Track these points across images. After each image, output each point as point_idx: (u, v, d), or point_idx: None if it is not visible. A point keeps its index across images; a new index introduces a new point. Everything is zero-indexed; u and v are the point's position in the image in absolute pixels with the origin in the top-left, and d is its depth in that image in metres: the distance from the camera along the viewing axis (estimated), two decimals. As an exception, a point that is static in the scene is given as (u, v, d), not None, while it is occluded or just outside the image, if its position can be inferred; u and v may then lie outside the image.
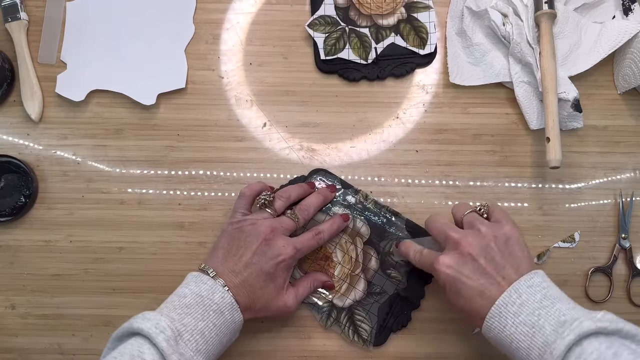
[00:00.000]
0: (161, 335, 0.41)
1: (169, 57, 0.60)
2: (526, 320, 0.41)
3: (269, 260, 0.49)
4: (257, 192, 0.54)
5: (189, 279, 0.48)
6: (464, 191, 0.59)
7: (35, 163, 0.59)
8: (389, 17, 0.61)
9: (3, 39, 0.61)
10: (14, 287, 0.58)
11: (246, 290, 0.48)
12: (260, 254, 0.49)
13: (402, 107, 0.61)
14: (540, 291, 0.43)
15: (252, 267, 0.48)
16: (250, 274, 0.48)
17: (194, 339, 0.43)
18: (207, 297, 0.46)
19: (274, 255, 0.49)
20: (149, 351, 0.40)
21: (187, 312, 0.44)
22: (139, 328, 0.42)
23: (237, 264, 0.49)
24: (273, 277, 0.49)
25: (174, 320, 0.43)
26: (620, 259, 0.58)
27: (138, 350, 0.41)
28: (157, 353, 0.41)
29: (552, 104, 0.54)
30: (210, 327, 0.45)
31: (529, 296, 0.42)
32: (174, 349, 0.41)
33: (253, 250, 0.49)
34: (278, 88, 0.61)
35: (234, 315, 0.47)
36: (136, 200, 0.59)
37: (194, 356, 0.42)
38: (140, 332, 0.41)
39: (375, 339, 0.55)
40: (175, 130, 0.60)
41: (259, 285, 0.48)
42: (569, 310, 0.41)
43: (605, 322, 0.39)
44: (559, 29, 0.59)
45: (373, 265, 0.57)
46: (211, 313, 0.45)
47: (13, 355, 0.57)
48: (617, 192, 0.59)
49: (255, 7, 0.62)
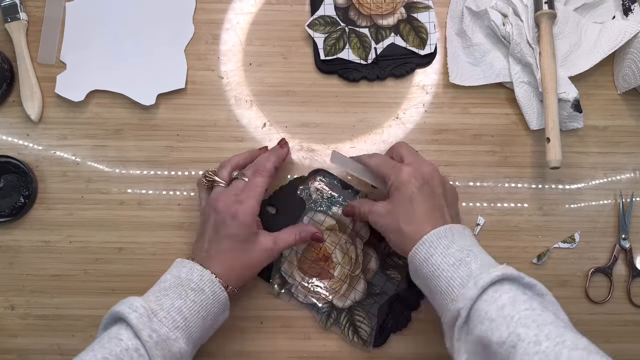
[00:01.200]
0: (133, 314, 0.42)
1: (169, 57, 0.60)
2: (455, 254, 0.44)
3: (223, 225, 0.49)
4: (203, 173, 0.54)
5: (173, 264, 0.49)
6: (464, 191, 0.59)
7: (35, 163, 0.59)
8: (389, 17, 0.61)
9: (2, 39, 0.61)
10: (14, 287, 0.58)
11: (218, 260, 0.49)
12: (216, 224, 0.49)
13: (402, 107, 0.60)
14: (471, 239, 0.47)
15: (215, 237, 0.49)
16: (216, 243, 0.49)
17: (170, 316, 0.44)
18: (185, 278, 0.47)
19: (225, 220, 0.49)
20: (126, 332, 0.42)
21: (164, 293, 0.46)
22: (115, 311, 0.43)
23: (204, 242, 0.50)
24: (236, 238, 0.49)
25: (150, 301, 0.44)
26: (621, 260, 0.58)
27: (116, 332, 0.42)
28: (132, 331, 0.42)
29: (552, 104, 0.54)
30: (189, 304, 0.45)
31: (461, 238, 0.45)
32: (145, 324, 0.42)
33: (211, 224, 0.50)
34: (278, 88, 0.61)
35: (216, 291, 0.47)
36: (136, 201, 0.59)
37: (169, 332, 0.43)
38: (117, 315, 0.43)
39: (375, 340, 0.55)
40: (175, 131, 0.60)
41: (228, 248, 0.49)
42: (493, 261, 0.45)
43: (527, 276, 0.42)
44: (559, 29, 0.59)
45: (373, 266, 0.57)
46: (189, 291, 0.46)
47: (13, 356, 0.57)
48: (617, 193, 0.59)
49: (255, 7, 0.62)
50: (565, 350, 0.36)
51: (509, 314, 0.39)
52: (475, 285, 0.41)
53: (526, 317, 0.38)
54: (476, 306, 0.41)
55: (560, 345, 0.36)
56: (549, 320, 0.38)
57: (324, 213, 0.57)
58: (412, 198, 0.47)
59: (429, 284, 0.45)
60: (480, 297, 0.41)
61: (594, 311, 0.58)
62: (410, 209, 0.47)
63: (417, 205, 0.47)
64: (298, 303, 0.56)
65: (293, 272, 0.57)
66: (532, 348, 0.36)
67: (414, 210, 0.47)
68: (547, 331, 0.37)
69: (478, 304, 0.41)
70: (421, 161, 0.51)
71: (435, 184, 0.49)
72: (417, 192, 0.48)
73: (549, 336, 0.37)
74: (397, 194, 0.48)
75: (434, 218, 0.47)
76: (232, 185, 0.52)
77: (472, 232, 0.47)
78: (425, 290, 0.47)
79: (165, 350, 0.42)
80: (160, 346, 0.42)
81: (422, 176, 0.49)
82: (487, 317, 0.40)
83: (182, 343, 0.44)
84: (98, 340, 0.43)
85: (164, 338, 0.42)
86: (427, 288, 0.46)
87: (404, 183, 0.48)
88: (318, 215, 0.57)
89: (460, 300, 0.41)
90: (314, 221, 0.57)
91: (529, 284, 0.42)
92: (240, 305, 0.56)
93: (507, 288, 0.41)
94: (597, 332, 0.57)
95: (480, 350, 0.40)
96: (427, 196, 0.48)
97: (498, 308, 0.40)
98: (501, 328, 0.39)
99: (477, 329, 0.40)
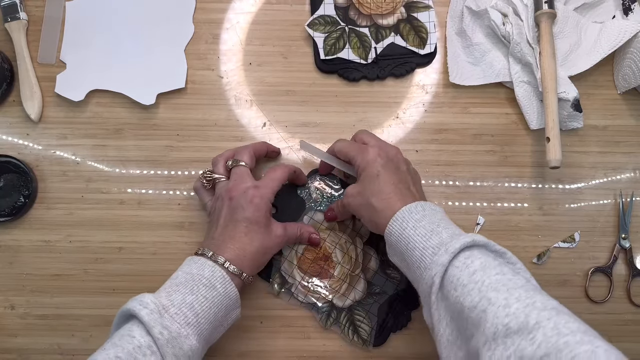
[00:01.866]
0: (144, 310, 0.42)
1: (169, 57, 0.60)
2: (426, 226, 0.45)
3: (238, 210, 0.50)
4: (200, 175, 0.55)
5: (184, 262, 0.49)
6: (464, 191, 0.59)
7: (35, 163, 0.59)
8: (389, 16, 0.61)
9: (2, 39, 0.61)
10: (14, 287, 0.58)
11: (232, 245, 0.49)
12: (230, 211, 0.50)
13: (402, 107, 0.60)
14: (440, 213, 0.47)
15: (229, 224, 0.50)
16: (232, 228, 0.49)
17: (181, 312, 0.44)
18: (197, 274, 0.46)
19: (241, 204, 0.50)
20: (138, 328, 0.42)
21: (176, 289, 0.45)
22: (127, 308, 0.43)
23: (216, 231, 0.50)
24: (251, 220, 0.50)
25: (162, 297, 0.44)
26: (620, 259, 0.58)
27: (128, 329, 0.42)
28: (144, 328, 0.42)
29: (552, 104, 0.54)
30: (200, 300, 0.45)
31: (431, 212, 0.46)
32: (156, 321, 0.42)
33: (224, 214, 0.50)
34: (278, 88, 0.61)
35: (227, 288, 0.47)
36: (136, 200, 0.59)
37: (181, 329, 0.43)
38: (128, 311, 0.43)
39: (375, 339, 0.55)
40: (174, 130, 0.60)
41: (242, 232, 0.49)
42: (464, 233, 0.45)
43: (497, 244, 0.43)
44: (559, 28, 0.59)
45: (373, 266, 0.57)
46: (201, 287, 0.46)
47: (13, 356, 0.57)
48: (617, 192, 0.59)
49: (255, 7, 0.62)
50: (534, 311, 0.36)
51: (480, 279, 0.40)
52: (446, 252, 0.42)
53: (497, 281, 0.39)
54: (449, 273, 0.42)
55: (530, 307, 0.36)
56: (520, 284, 0.39)
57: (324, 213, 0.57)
58: (379, 174, 0.49)
59: (405, 258, 0.46)
60: (452, 263, 0.42)
61: (594, 311, 0.58)
62: (378, 185, 0.49)
63: (383, 180, 0.49)
64: (298, 302, 0.56)
65: (293, 272, 0.57)
66: (502, 311, 0.37)
67: (381, 186, 0.48)
68: (517, 294, 0.38)
69: (450, 270, 0.42)
70: (384, 143, 0.52)
71: (400, 162, 0.51)
72: (382, 169, 0.49)
73: (519, 299, 0.37)
74: (365, 173, 0.50)
75: (401, 191, 0.48)
76: (233, 173, 0.52)
77: (444, 211, 0.49)
78: (403, 268, 0.48)
79: (176, 348, 0.42)
80: (172, 344, 0.42)
81: (386, 155, 0.51)
82: (459, 283, 0.40)
83: (193, 340, 0.43)
84: (110, 338, 0.42)
85: (174, 335, 0.42)
86: (404, 263, 0.47)
87: (370, 162, 0.50)
88: (318, 215, 0.57)
89: (433, 268, 0.42)
90: (314, 221, 0.57)
91: (500, 252, 0.43)
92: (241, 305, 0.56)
93: (478, 254, 0.42)
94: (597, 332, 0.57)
95: (456, 316, 0.41)
96: (392, 172, 0.49)
97: (470, 274, 0.40)
98: (472, 293, 0.39)
99: (451, 295, 0.41)
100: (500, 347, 0.36)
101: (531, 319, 0.35)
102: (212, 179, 0.53)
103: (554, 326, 0.35)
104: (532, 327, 0.35)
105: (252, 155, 0.54)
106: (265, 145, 0.57)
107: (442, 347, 0.42)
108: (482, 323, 0.38)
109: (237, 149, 0.55)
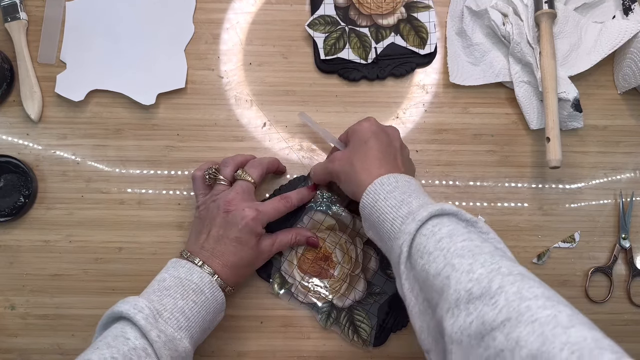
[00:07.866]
0: (139, 314, 0.42)
1: (169, 57, 0.60)
2: (397, 197, 0.44)
3: (232, 227, 0.50)
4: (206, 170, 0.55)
5: (168, 264, 0.49)
6: (464, 191, 0.59)
7: (35, 163, 0.59)
8: (389, 16, 0.61)
9: (2, 39, 0.61)
10: (14, 287, 0.58)
11: (222, 259, 0.49)
12: (224, 225, 0.50)
13: (402, 107, 0.60)
14: (414, 185, 0.46)
15: (221, 239, 0.50)
16: (220, 245, 0.50)
17: (174, 317, 0.44)
18: (185, 279, 0.47)
19: (236, 222, 0.50)
20: (131, 330, 0.42)
21: (165, 293, 0.46)
22: (119, 311, 0.43)
23: (207, 240, 0.50)
24: (242, 241, 0.50)
25: (153, 301, 0.45)
26: (621, 259, 0.58)
27: (121, 331, 0.42)
28: (138, 331, 0.42)
29: (552, 104, 0.54)
30: (190, 305, 0.46)
31: (404, 183, 0.45)
32: (152, 325, 0.42)
33: (217, 224, 0.50)
34: (278, 88, 0.61)
35: (215, 293, 0.48)
36: (136, 200, 0.59)
37: (174, 333, 0.43)
38: (121, 314, 0.43)
39: (375, 339, 0.55)
40: (174, 130, 0.60)
41: (231, 252, 0.49)
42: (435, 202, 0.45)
43: (467, 213, 0.42)
44: (559, 28, 0.59)
45: (373, 266, 0.57)
46: (191, 292, 0.46)
47: (13, 356, 0.57)
48: (617, 192, 0.59)
49: (255, 7, 0.62)
50: (498, 276, 0.35)
51: (446, 246, 0.39)
52: (413, 220, 0.41)
53: (462, 248, 0.38)
54: (416, 241, 0.41)
55: (494, 272, 0.35)
56: (486, 250, 0.38)
57: (324, 212, 0.57)
58: (368, 141, 0.48)
59: (378, 231, 0.45)
60: (420, 231, 0.41)
61: (594, 311, 0.58)
62: (364, 150, 0.48)
63: (371, 147, 0.48)
64: (298, 303, 0.56)
65: (293, 272, 0.57)
66: (465, 277, 0.36)
67: (367, 151, 0.48)
68: (482, 260, 0.37)
69: (418, 238, 0.41)
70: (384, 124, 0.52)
71: (394, 139, 0.50)
72: (373, 136, 0.49)
73: (484, 264, 0.36)
74: (354, 137, 0.50)
75: (387, 160, 0.48)
76: (238, 185, 0.52)
77: (419, 183, 0.48)
78: (377, 241, 0.47)
79: (172, 350, 0.43)
80: (168, 346, 0.42)
81: (382, 128, 0.50)
82: (425, 251, 0.40)
83: (186, 343, 0.44)
84: (101, 338, 0.42)
85: (170, 338, 0.43)
86: (377, 236, 0.46)
87: (362, 129, 0.49)
88: (318, 215, 0.57)
89: (401, 237, 0.41)
90: (314, 220, 0.57)
91: (471, 220, 0.42)
92: (240, 305, 0.56)
93: (447, 222, 0.41)
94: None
95: (422, 285, 0.40)
96: (382, 141, 0.49)
97: (436, 241, 0.40)
98: (438, 260, 0.38)
99: (418, 263, 0.40)
100: (462, 313, 0.35)
101: (494, 284, 0.35)
102: (214, 178, 0.54)
103: (516, 290, 0.34)
104: (494, 292, 0.34)
105: (262, 175, 0.54)
106: (276, 164, 0.57)
107: (414, 317, 0.41)
108: (445, 290, 0.37)
109: (251, 159, 0.55)
